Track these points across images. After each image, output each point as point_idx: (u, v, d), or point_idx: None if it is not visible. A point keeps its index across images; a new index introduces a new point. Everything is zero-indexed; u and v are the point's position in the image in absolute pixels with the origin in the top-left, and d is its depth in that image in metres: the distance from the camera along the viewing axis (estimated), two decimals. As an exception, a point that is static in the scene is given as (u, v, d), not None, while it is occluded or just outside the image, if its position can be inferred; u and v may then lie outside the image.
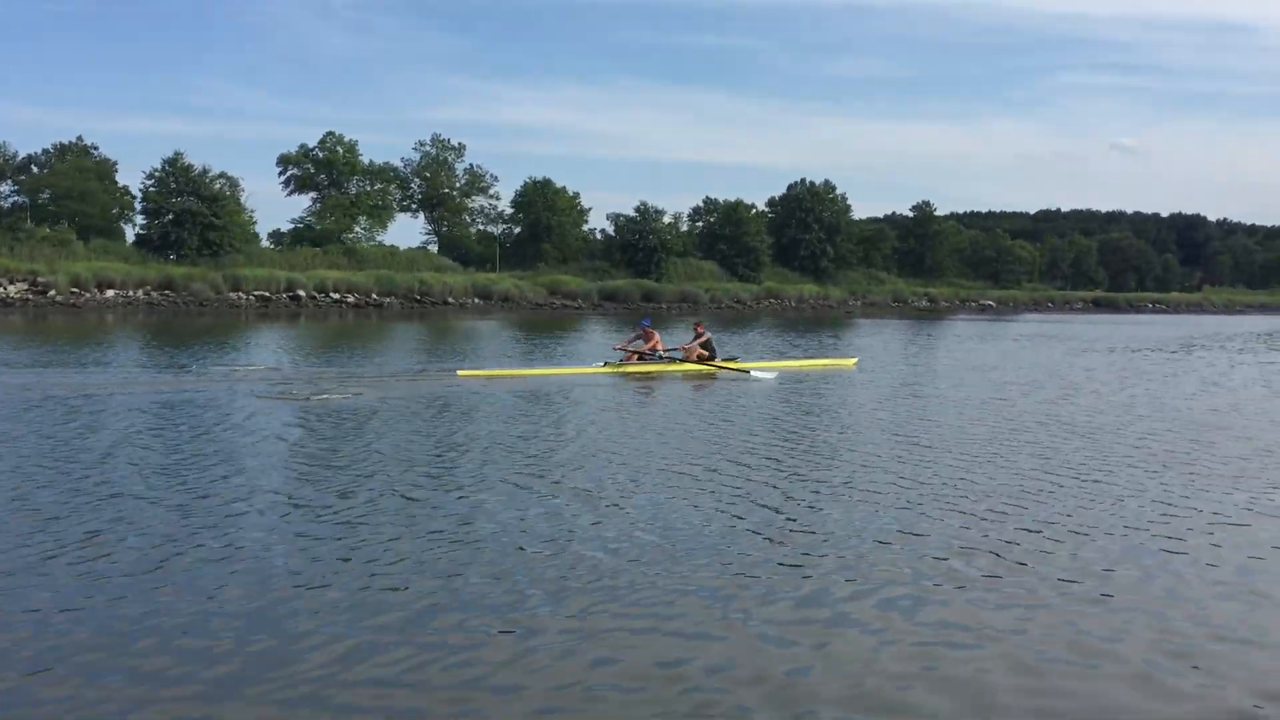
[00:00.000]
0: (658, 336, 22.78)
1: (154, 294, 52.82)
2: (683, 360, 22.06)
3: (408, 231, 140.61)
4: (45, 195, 61.94)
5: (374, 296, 60.26)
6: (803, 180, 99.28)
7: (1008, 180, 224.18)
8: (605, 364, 21.80)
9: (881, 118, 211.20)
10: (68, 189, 61.18)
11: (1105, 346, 39.37)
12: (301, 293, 57.53)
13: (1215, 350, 37.61)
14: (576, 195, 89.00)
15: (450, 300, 64.00)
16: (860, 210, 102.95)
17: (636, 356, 21.99)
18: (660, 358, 22.10)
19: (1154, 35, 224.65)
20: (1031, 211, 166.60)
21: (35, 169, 66.65)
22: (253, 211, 74.31)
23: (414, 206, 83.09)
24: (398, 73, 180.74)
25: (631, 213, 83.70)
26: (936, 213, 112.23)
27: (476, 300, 66.04)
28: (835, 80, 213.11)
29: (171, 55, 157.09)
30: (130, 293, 51.89)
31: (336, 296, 58.77)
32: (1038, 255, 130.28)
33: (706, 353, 22.39)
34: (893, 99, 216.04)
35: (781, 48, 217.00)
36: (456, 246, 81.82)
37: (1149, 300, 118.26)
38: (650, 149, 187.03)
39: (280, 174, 76.40)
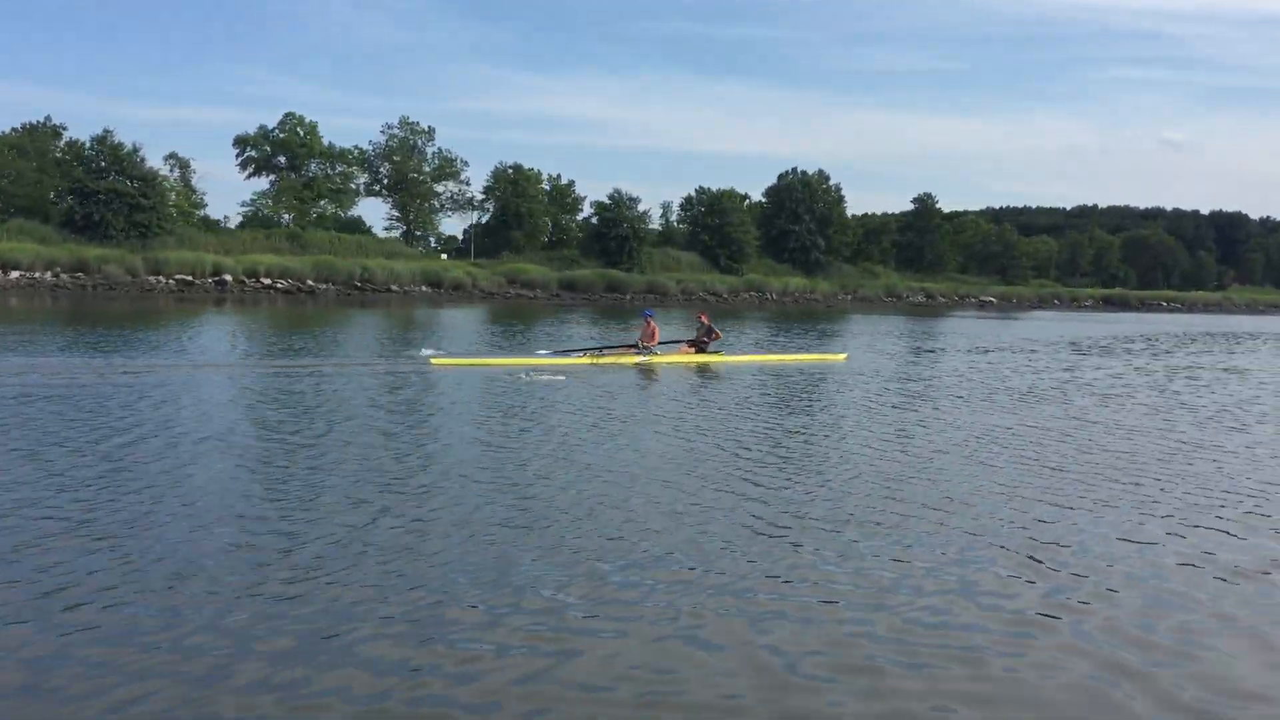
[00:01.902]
0: (656, 329, 22.40)
1: (63, 276, 50.03)
2: (688, 346, 22.52)
3: (373, 217, 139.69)
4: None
5: (309, 283, 57.21)
6: (794, 170, 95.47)
7: (1048, 175, 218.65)
8: (584, 353, 21.35)
9: (919, 111, 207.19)
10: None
11: (986, 345, 35.10)
12: (228, 277, 54.61)
13: (1116, 355, 32.85)
14: (571, 184, 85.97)
15: (395, 288, 60.90)
16: (892, 204, 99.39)
17: (633, 348, 21.93)
18: (645, 350, 21.77)
19: (1204, 29, 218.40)
20: (1068, 207, 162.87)
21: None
22: (203, 194, 72.11)
23: (380, 191, 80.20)
24: (433, 63, 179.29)
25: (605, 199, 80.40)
26: (967, 209, 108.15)
27: (425, 288, 62.92)
28: (873, 73, 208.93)
29: (218, 46, 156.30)
30: (37, 275, 49.11)
31: (268, 282, 55.80)
32: (1057, 251, 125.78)
33: (707, 340, 22.64)
34: (932, 92, 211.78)
35: (817, 39, 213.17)
36: (422, 233, 78.88)
37: (1164, 299, 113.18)
38: (681, 141, 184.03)
39: (237, 156, 73.70)
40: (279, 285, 55.68)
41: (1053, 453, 12.27)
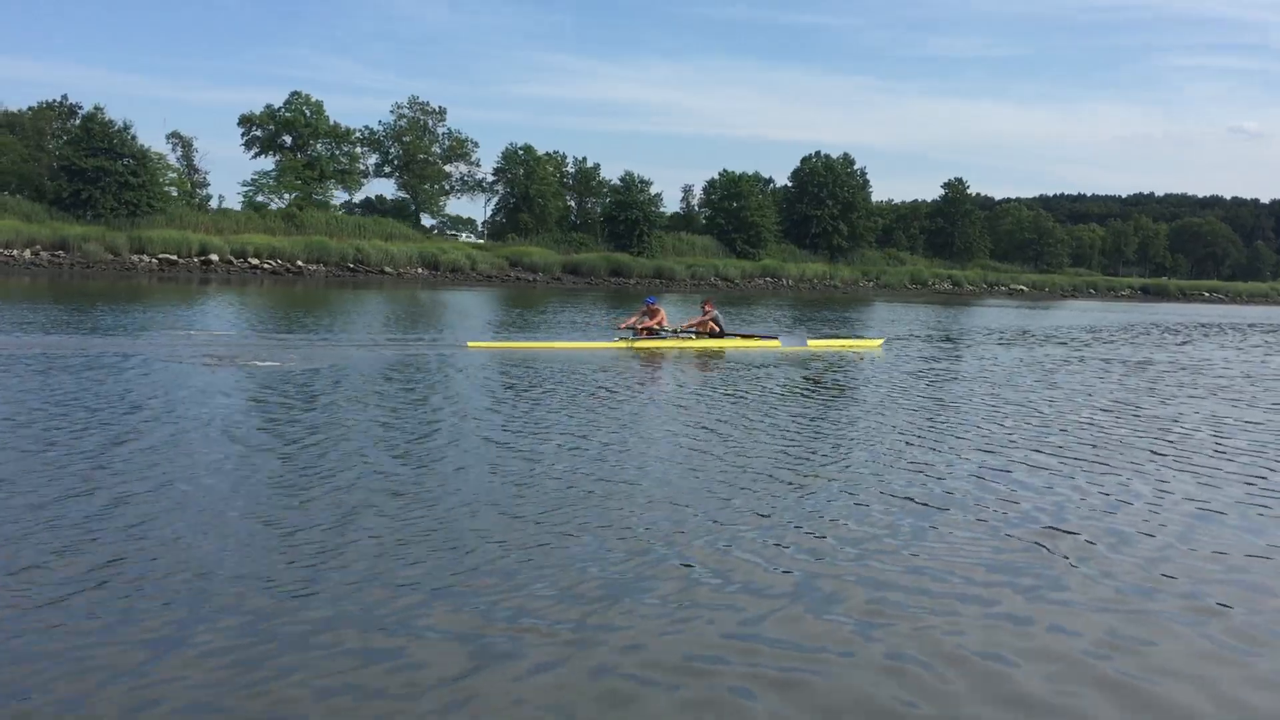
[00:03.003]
0: (664, 313, 22.06)
1: (43, 254, 49.05)
2: (695, 336, 21.60)
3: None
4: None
5: (298, 264, 55.86)
6: (817, 153, 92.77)
7: (1109, 163, 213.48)
8: (619, 339, 20.94)
9: (979, 98, 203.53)
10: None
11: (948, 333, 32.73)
12: (215, 257, 53.42)
13: (1085, 343, 30.35)
14: (596, 167, 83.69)
15: (389, 270, 59.44)
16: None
17: (646, 332, 21.25)
18: (668, 334, 21.35)
19: (1274, 16, 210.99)
20: (1124, 195, 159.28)
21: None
22: (206, 173, 71.04)
23: (390, 171, 78.72)
24: (490, 47, 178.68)
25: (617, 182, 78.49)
26: (1019, 196, 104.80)
27: (421, 270, 61.42)
28: (932, 59, 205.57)
29: (267, 28, 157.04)
30: (15, 253, 48.14)
31: (255, 263, 54.55)
32: (1102, 239, 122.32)
33: (717, 327, 22.01)
34: (992, 78, 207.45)
35: (877, 25, 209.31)
36: (431, 216, 77.49)
37: (1206, 289, 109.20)
38: (735, 127, 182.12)
39: (243, 135, 72.47)
40: (266, 266, 54.34)
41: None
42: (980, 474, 9.31)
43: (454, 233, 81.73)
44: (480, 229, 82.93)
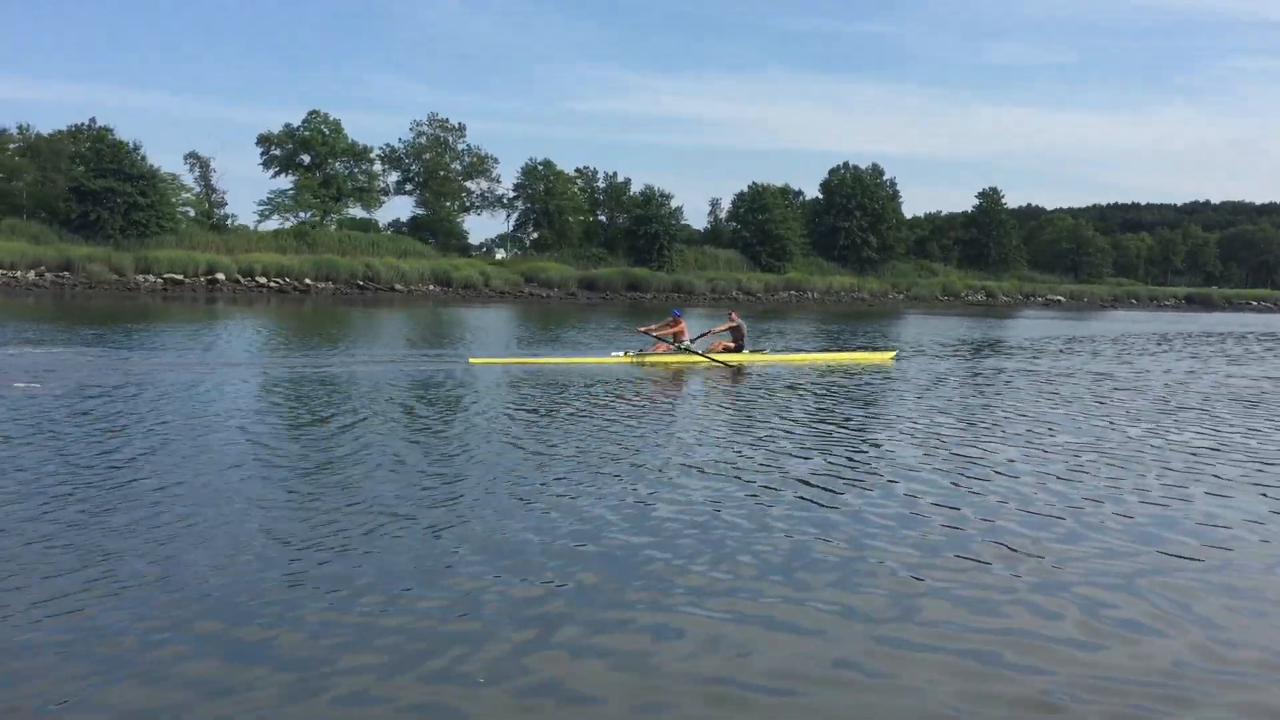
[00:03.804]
0: (684, 326, 21.54)
1: (47, 275, 48.94)
2: (703, 353, 21.12)
3: (401, 215, 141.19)
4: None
5: (306, 281, 55.36)
6: (845, 164, 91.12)
7: (1166, 171, 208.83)
8: (625, 354, 20.76)
9: (1040, 105, 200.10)
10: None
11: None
12: (221, 276, 53.07)
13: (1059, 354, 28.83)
14: (626, 182, 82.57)
15: (399, 287, 58.77)
16: (1010, 200, 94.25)
17: (661, 346, 21.00)
18: (681, 349, 20.97)
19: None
20: (1179, 203, 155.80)
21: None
22: (224, 193, 71.08)
23: (410, 189, 78.42)
24: (547, 64, 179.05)
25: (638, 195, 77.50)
26: (1071, 206, 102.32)
27: (433, 287, 60.70)
28: (992, 67, 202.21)
29: (329, 48, 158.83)
30: (20, 274, 48.05)
31: (263, 281, 54.14)
32: (1148, 248, 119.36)
33: (733, 344, 21.62)
34: (1052, 86, 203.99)
35: (934, 34, 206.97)
36: (448, 231, 76.83)
37: (1254, 298, 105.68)
38: (796, 139, 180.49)
39: (261, 154, 72.54)
40: (272, 284, 53.89)
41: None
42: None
43: (486, 250, 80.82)
44: (508, 246, 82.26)
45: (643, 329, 22.04)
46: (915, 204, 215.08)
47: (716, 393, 16.45)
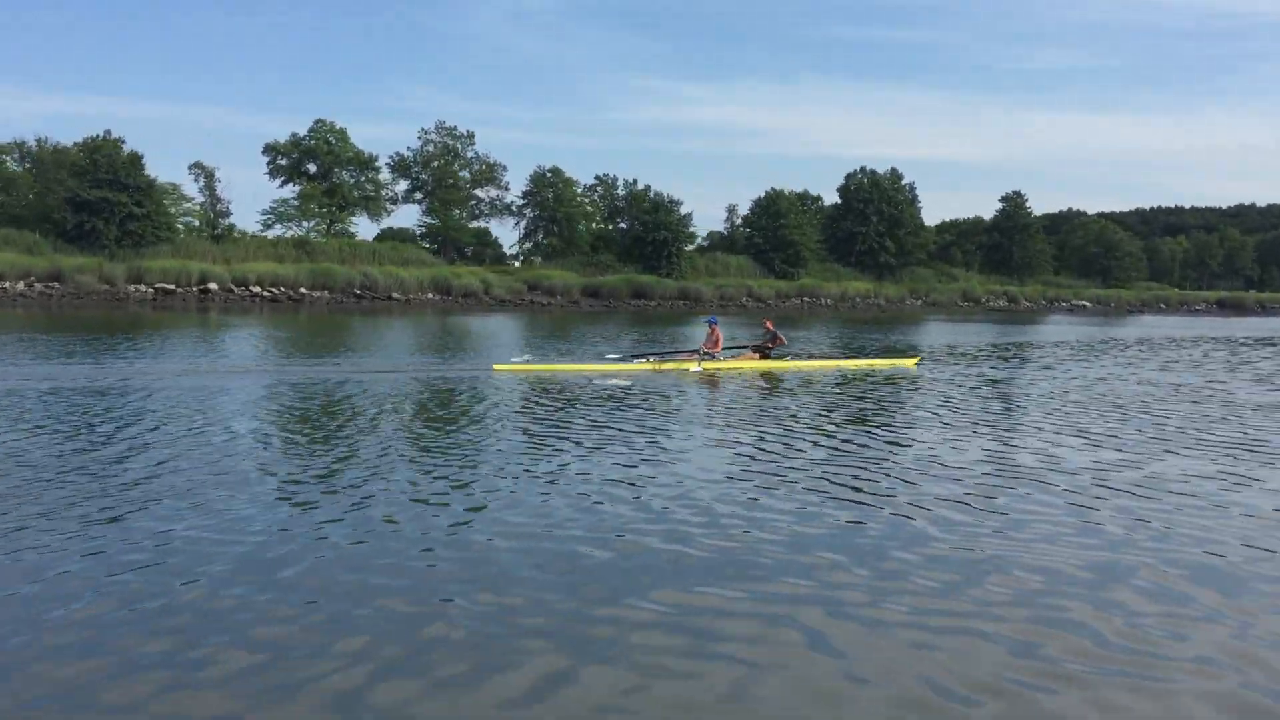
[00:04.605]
0: (720, 336, 21.65)
1: (37, 286, 48.67)
2: (725, 359, 21.12)
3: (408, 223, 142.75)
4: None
5: (301, 290, 54.81)
6: (862, 169, 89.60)
7: (1213, 174, 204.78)
8: (648, 360, 20.67)
9: (1085, 109, 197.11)
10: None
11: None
12: (214, 286, 52.62)
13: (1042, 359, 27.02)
14: (646, 189, 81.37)
15: (397, 296, 58.05)
16: (1053, 204, 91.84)
17: (681, 353, 21.38)
18: (707, 355, 20.89)
19: None
20: (1223, 207, 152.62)
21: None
22: (229, 203, 70.73)
23: (421, 198, 77.89)
24: (589, 75, 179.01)
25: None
26: (1113, 210, 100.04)
27: (432, 295, 59.93)
28: (1036, 72, 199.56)
29: (380, 64, 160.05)
30: (8, 285, 47.80)
31: (257, 290, 53.64)
32: (1184, 252, 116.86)
33: (770, 346, 21.69)
34: (1097, 90, 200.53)
35: (976, 39, 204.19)
36: (454, 239, 76.22)
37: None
38: (834, 146, 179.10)
39: (267, 163, 72.20)
40: (265, 294, 53.36)
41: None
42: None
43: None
44: (519, 253, 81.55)
45: (704, 348, 21.60)
46: (951, 208, 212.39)
47: (740, 399, 16.24)
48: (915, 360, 23.39)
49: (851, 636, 5.32)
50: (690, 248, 78.68)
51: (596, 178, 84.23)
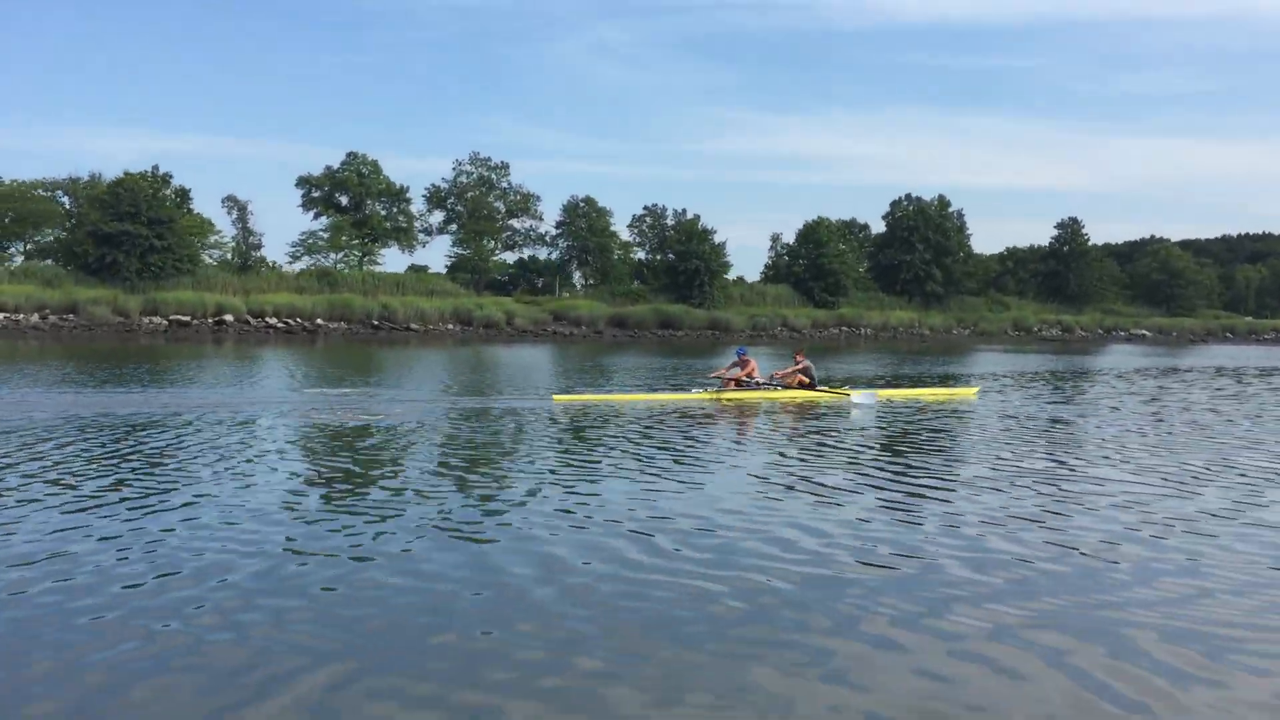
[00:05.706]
0: (754, 364, 21.64)
1: (51, 317, 48.81)
2: (782, 388, 20.95)
3: (440, 255, 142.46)
4: (9, 217, 59.60)
5: (317, 322, 54.37)
6: (908, 196, 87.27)
7: None
8: (705, 390, 20.53)
9: (1180, 134, 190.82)
10: (20, 211, 58.79)
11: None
12: (229, 317, 52.40)
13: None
14: (696, 218, 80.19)
15: (415, 327, 57.32)
16: (1133, 231, 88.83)
17: (734, 383, 20.89)
18: (756, 385, 20.85)
19: None
20: None
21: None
22: (260, 235, 70.89)
23: (456, 230, 77.52)
24: (670, 105, 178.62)
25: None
26: (1197, 237, 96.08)
27: (453, 326, 59.12)
28: (1128, 97, 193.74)
29: (464, 98, 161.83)
30: (22, 317, 47.98)
31: (273, 322, 53.32)
32: (1261, 278, 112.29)
33: (807, 379, 21.38)
34: (1193, 115, 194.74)
35: (1066, 65, 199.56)
36: (482, 270, 75.60)
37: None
38: (925, 174, 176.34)
39: (301, 196, 72.41)
40: (280, 325, 52.99)
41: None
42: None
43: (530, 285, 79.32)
44: (555, 286, 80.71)
45: (715, 374, 22.05)
46: (1013, 235, 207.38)
47: (801, 428, 15.90)
48: (975, 391, 23.03)
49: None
50: (730, 276, 77.15)
51: (645, 208, 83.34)
